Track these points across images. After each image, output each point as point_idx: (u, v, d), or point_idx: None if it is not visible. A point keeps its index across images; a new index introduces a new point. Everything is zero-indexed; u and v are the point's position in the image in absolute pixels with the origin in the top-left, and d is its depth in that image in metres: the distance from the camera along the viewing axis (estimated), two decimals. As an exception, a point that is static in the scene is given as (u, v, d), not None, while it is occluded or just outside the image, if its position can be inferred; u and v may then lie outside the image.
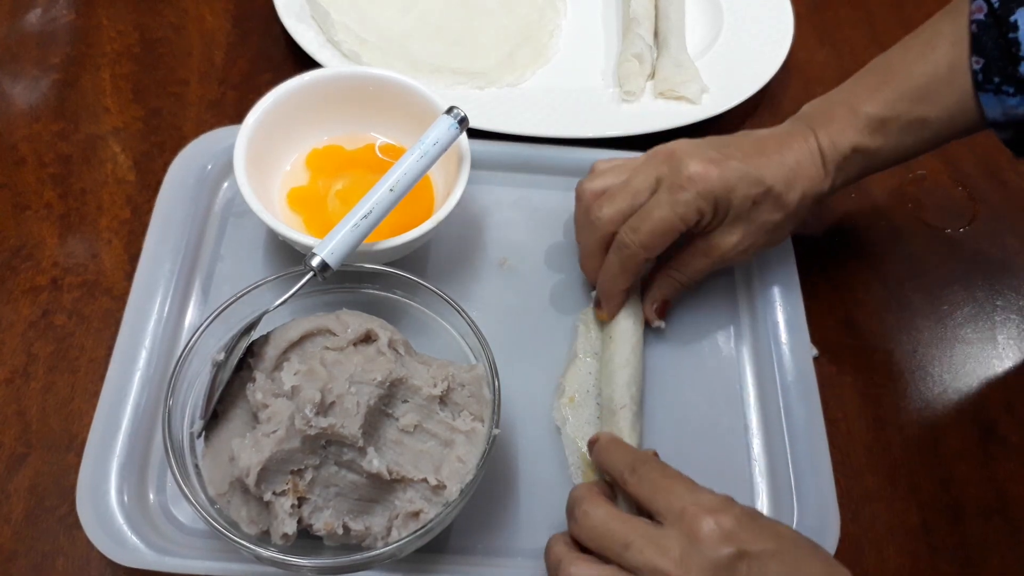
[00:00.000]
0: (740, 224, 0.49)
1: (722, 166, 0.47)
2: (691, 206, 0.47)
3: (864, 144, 0.48)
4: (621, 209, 0.48)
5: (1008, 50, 0.44)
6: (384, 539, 0.41)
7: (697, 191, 0.46)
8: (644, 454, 0.42)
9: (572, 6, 0.74)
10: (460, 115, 0.49)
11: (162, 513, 0.46)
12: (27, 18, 0.69)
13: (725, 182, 0.47)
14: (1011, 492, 0.51)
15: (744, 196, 0.47)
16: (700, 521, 0.36)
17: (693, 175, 0.46)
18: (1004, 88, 0.44)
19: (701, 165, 0.46)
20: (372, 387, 0.41)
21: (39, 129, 0.62)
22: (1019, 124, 0.46)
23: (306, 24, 0.66)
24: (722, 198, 0.47)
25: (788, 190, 0.48)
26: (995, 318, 0.59)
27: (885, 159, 0.49)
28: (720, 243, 0.49)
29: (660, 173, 0.48)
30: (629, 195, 0.48)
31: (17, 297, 0.54)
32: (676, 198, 0.46)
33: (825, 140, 0.48)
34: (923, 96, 0.47)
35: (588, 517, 0.39)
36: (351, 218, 0.44)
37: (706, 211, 0.47)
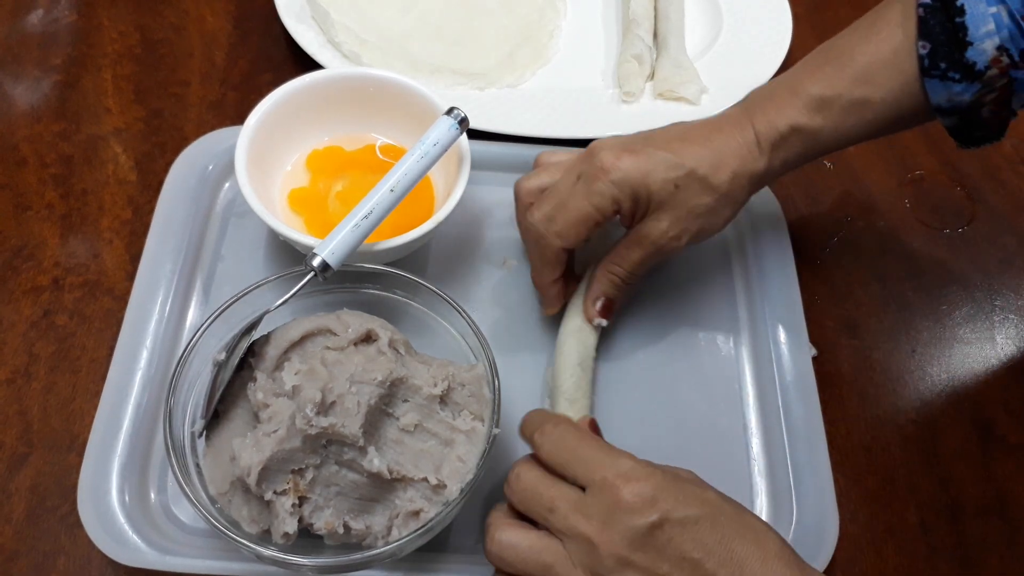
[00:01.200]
0: (666, 210, 0.48)
1: (638, 154, 0.47)
2: (605, 195, 0.46)
3: (803, 123, 0.47)
4: (547, 212, 0.48)
5: (955, 35, 0.43)
6: (384, 538, 0.41)
7: (611, 179, 0.46)
8: (555, 416, 0.42)
9: (572, 7, 0.74)
10: (460, 116, 0.49)
11: (163, 512, 0.46)
12: (28, 19, 0.69)
13: (640, 169, 0.46)
14: (1009, 491, 0.52)
15: (663, 180, 0.46)
16: (622, 488, 0.37)
17: (607, 164, 0.46)
18: (950, 74, 0.44)
19: (615, 155, 0.46)
20: (373, 387, 0.41)
21: (40, 130, 0.62)
22: (964, 111, 0.45)
23: (306, 25, 0.66)
24: (639, 185, 0.46)
25: (714, 171, 0.47)
26: (993, 318, 0.59)
27: (826, 141, 0.48)
28: (649, 231, 0.48)
29: (581, 168, 0.48)
30: (556, 197, 0.48)
31: (18, 297, 0.54)
32: (591, 188, 0.46)
33: (762, 121, 0.47)
34: (866, 77, 0.46)
35: (518, 480, 0.39)
36: (352, 218, 0.45)
37: (622, 199, 0.47)
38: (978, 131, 0.47)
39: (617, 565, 0.36)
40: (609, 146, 0.47)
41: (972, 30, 0.42)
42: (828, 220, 0.63)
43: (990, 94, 0.44)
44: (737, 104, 0.50)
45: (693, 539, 0.36)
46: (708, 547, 0.36)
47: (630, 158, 0.46)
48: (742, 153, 0.47)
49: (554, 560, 0.37)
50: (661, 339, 0.55)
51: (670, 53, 0.67)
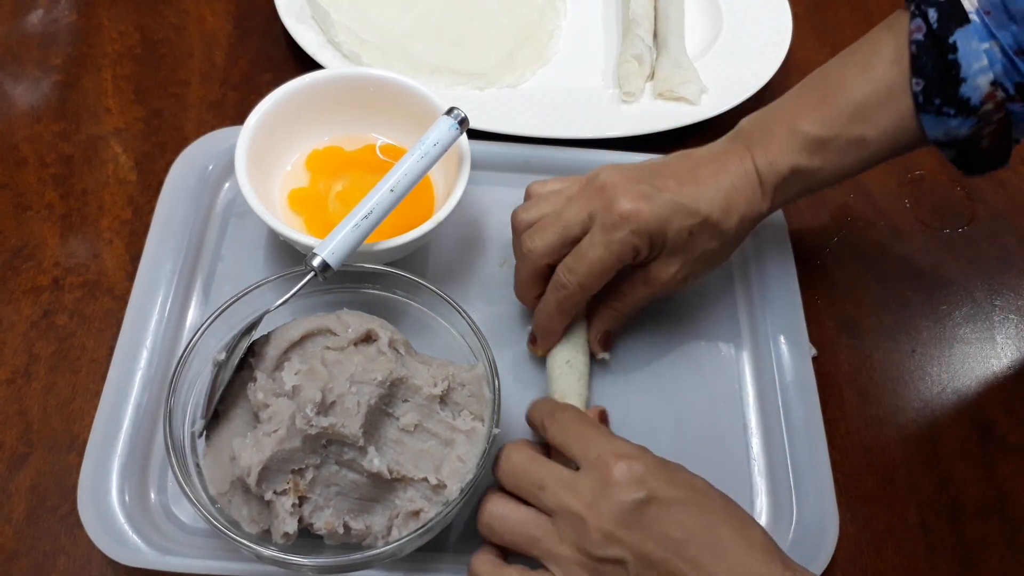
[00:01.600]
0: (678, 255, 0.48)
1: (654, 201, 0.46)
2: (626, 244, 0.46)
3: (803, 165, 0.47)
4: (552, 243, 0.47)
5: (948, 72, 0.43)
6: (384, 538, 0.41)
7: (631, 229, 0.45)
8: (565, 404, 0.44)
9: (572, 7, 0.74)
10: (460, 116, 0.49)
11: (163, 512, 0.46)
12: (28, 19, 0.69)
13: (659, 217, 0.46)
14: (1009, 491, 0.52)
15: (679, 228, 0.46)
16: (613, 466, 0.38)
17: (626, 213, 0.45)
18: (945, 109, 0.44)
19: (633, 202, 0.45)
20: (373, 387, 0.41)
21: (40, 130, 0.62)
22: (962, 143, 0.45)
23: (307, 25, 0.66)
24: (657, 233, 0.46)
25: (725, 217, 0.47)
26: (993, 318, 0.59)
27: (825, 179, 0.48)
28: (659, 275, 0.49)
29: (593, 208, 0.46)
30: (560, 228, 0.47)
31: (18, 297, 0.54)
32: (610, 237, 0.46)
33: (763, 161, 0.47)
34: (862, 116, 0.46)
35: (508, 460, 0.41)
36: (352, 218, 0.45)
37: (641, 247, 0.46)
38: (979, 160, 0.47)
39: (604, 541, 0.37)
40: (625, 190, 0.46)
41: (965, 67, 0.43)
42: (828, 220, 0.63)
43: (987, 127, 0.44)
44: (733, 134, 0.50)
45: (679, 520, 0.37)
46: (692, 530, 0.37)
47: (648, 206, 0.45)
48: (748, 196, 0.48)
49: (542, 534, 0.38)
50: (661, 340, 0.55)
51: (670, 53, 0.67)
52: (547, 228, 0.47)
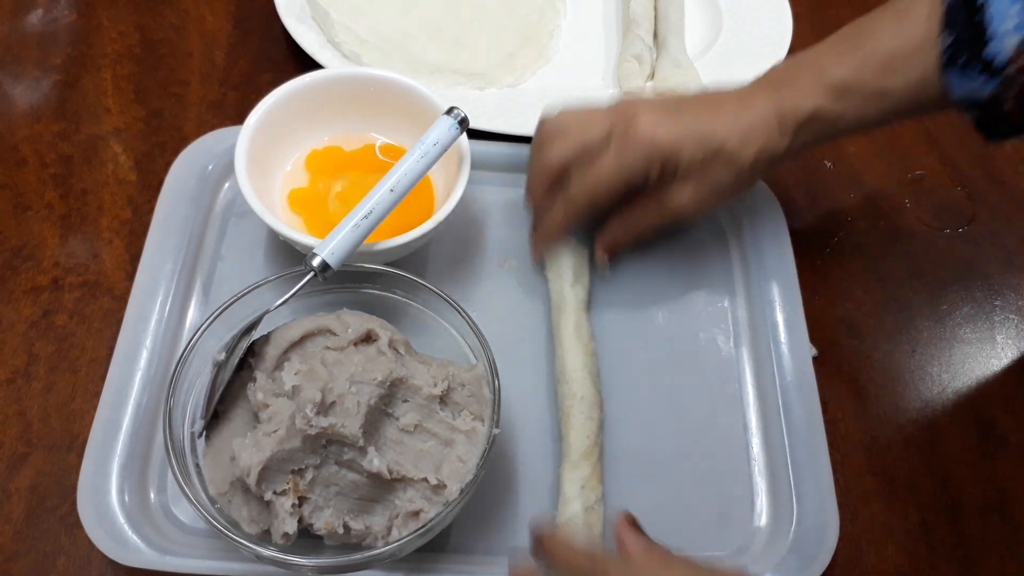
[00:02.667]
0: (690, 181, 0.49)
1: (672, 124, 0.47)
2: (637, 164, 0.47)
3: (825, 109, 0.48)
4: (568, 150, 0.49)
5: (976, 30, 0.43)
6: (384, 538, 0.41)
7: (644, 149, 0.47)
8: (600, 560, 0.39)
9: (572, 7, 0.74)
10: (460, 116, 0.49)
11: (163, 513, 0.46)
12: (28, 19, 0.69)
13: (674, 141, 0.47)
14: (1010, 491, 0.52)
15: (692, 155, 0.47)
16: None
17: (642, 132, 0.47)
18: (969, 68, 0.44)
19: (651, 124, 0.47)
20: (372, 387, 0.41)
21: (40, 130, 0.62)
22: (984, 105, 0.45)
23: (307, 25, 0.66)
24: (670, 156, 0.47)
25: (741, 149, 0.48)
26: (994, 318, 0.59)
27: (845, 126, 0.49)
28: (670, 200, 0.50)
29: (613, 125, 0.48)
30: (580, 139, 0.49)
31: (18, 297, 0.54)
32: (624, 155, 0.47)
33: (787, 101, 0.48)
34: (889, 67, 0.46)
35: None
36: (352, 218, 0.45)
37: (652, 169, 0.48)
38: (1001, 124, 0.46)
39: None
40: (646, 111, 0.48)
41: (993, 26, 0.42)
42: (828, 220, 0.63)
43: (1011, 90, 0.44)
44: (763, 78, 0.50)
45: None
46: None
47: (665, 128, 0.47)
48: (768, 131, 0.48)
49: None
50: (661, 339, 0.55)
51: (670, 53, 0.67)
52: (568, 136, 0.49)
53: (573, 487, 0.46)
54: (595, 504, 0.46)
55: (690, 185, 0.49)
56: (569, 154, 0.49)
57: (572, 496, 0.46)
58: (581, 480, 0.46)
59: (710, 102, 0.50)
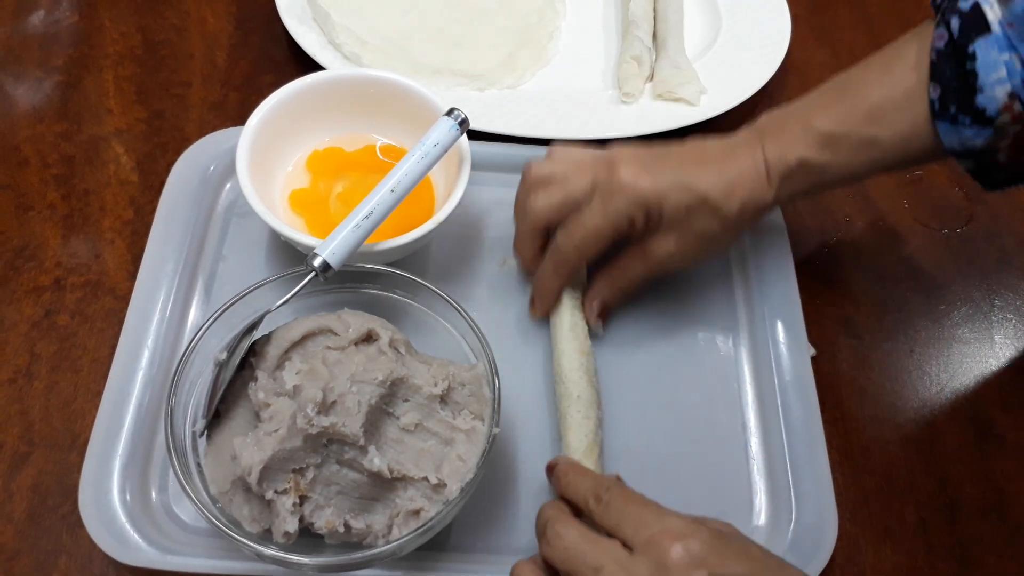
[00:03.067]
0: (674, 232, 0.49)
1: (655, 174, 0.47)
2: (622, 213, 0.48)
3: (812, 158, 0.47)
4: (553, 203, 0.49)
5: (965, 80, 0.43)
6: (385, 537, 0.41)
7: (627, 198, 0.47)
8: (607, 480, 0.42)
9: (571, 8, 0.74)
10: (461, 116, 0.49)
11: (164, 512, 0.46)
12: (30, 20, 0.69)
13: (656, 189, 0.47)
14: (1008, 491, 0.52)
15: (676, 203, 0.47)
16: (669, 547, 0.36)
17: (625, 183, 0.47)
18: (960, 118, 0.43)
19: (633, 173, 0.47)
20: (373, 386, 0.41)
21: (42, 130, 0.62)
22: (978, 155, 0.45)
23: (307, 26, 0.67)
24: (653, 205, 0.48)
25: (726, 199, 0.48)
26: (992, 318, 0.59)
27: (834, 176, 0.48)
28: (655, 249, 0.50)
29: (597, 177, 0.48)
30: (564, 191, 0.49)
31: (20, 297, 0.54)
32: (608, 205, 0.48)
33: (773, 151, 0.48)
34: (876, 117, 0.46)
35: (560, 539, 0.39)
36: (352, 219, 0.45)
37: (637, 218, 0.48)
38: (997, 174, 0.46)
39: None
40: (628, 162, 0.48)
41: (982, 76, 0.42)
42: (828, 220, 0.63)
43: (1004, 140, 0.43)
44: (749, 128, 0.50)
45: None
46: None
47: (648, 177, 0.47)
48: (752, 183, 0.48)
49: None
50: (661, 339, 0.55)
51: (669, 54, 0.67)
52: (552, 189, 0.50)
53: None
54: None
55: (673, 235, 0.49)
56: (555, 207, 0.50)
57: None
58: None
59: (694, 153, 0.50)
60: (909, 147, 0.46)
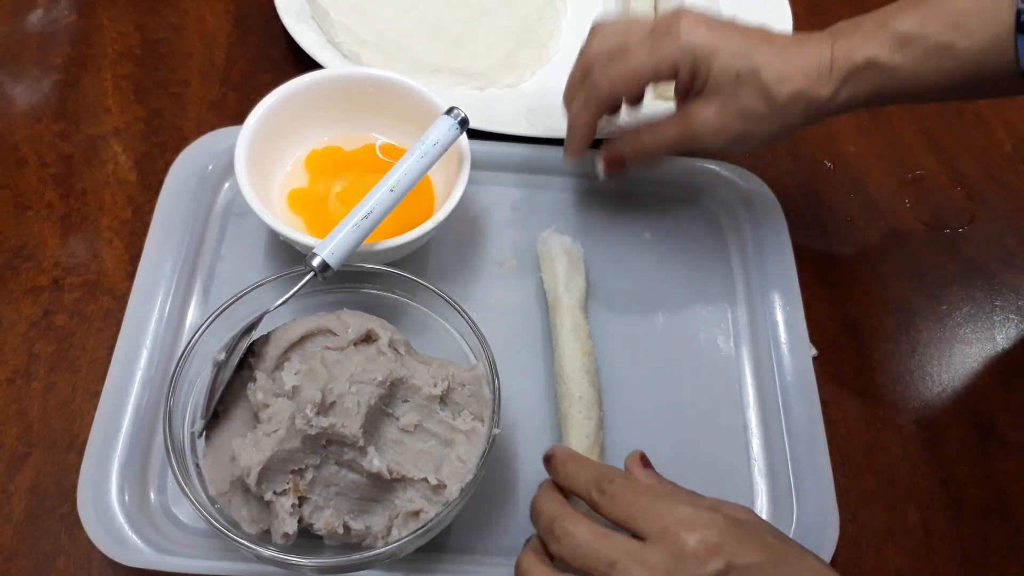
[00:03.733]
0: (717, 98, 0.47)
1: (715, 30, 0.46)
2: (667, 56, 0.46)
3: (881, 58, 0.45)
4: (605, 45, 0.48)
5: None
6: (384, 538, 0.41)
7: (679, 44, 0.46)
8: (608, 470, 0.40)
9: (572, 6, 0.74)
10: (460, 116, 0.49)
11: (163, 512, 0.46)
12: (28, 19, 0.69)
13: (711, 44, 0.46)
14: (1010, 491, 0.52)
15: (726, 65, 0.46)
16: (685, 537, 0.35)
17: (682, 27, 0.46)
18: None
19: (693, 22, 0.46)
20: (372, 387, 0.41)
21: (40, 129, 0.62)
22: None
23: (306, 24, 0.66)
24: (702, 59, 0.46)
25: (778, 82, 0.46)
26: (994, 318, 0.59)
27: (900, 84, 0.46)
28: (694, 113, 0.48)
29: (657, 25, 0.47)
30: (621, 37, 0.48)
31: (18, 297, 0.54)
32: (656, 44, 0.46)
33: (842, 48, 0.46)
34: (958, 22, 0.44)
35: (570, 536, 0.37)
36: (352, 218, 0.45)
37: (683, 67, 0.46)
38: None
39: None
40: (694, 16, 0.47)
41: None
42: (828, 220, 0.63)
43: None
44: (826, 30, 0.49)
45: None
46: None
47: (706, 31, 0.46)
48: (811, 74, 0.46)
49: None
50: (662, 340, 0.55)
51: (670, 53, 0.67)
52: (609, 34, 0.49)
53: None
54: None
55: (716, 101, 0.47)
56: (606, 49, 0.48)
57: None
58: None
59: (764, 33, 0.48)
60: (986, 60, 0.44)
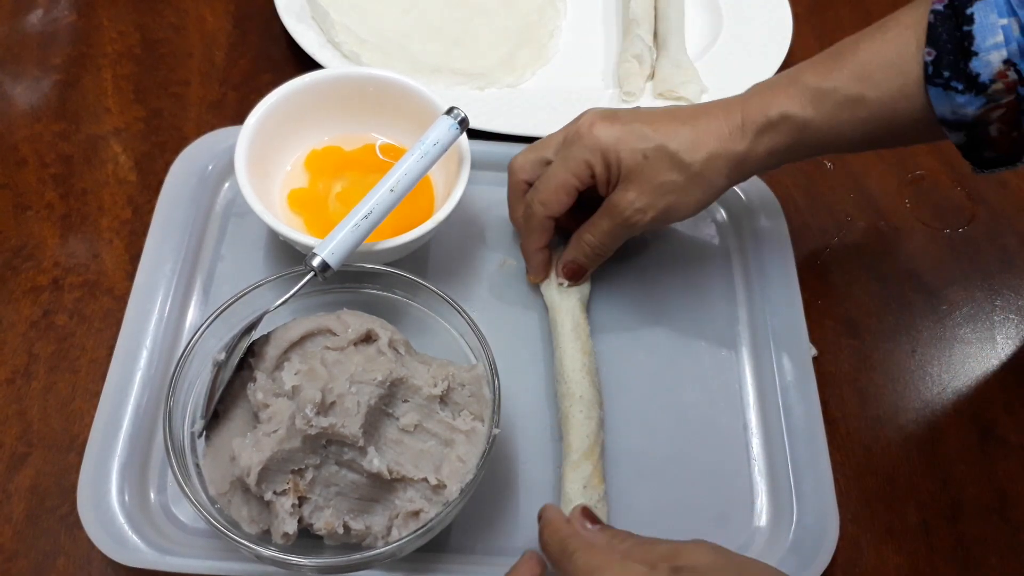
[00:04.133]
0: (635, 181, 0.48)
1: (615, 123, 0.48)
2: (580, 160, 0.48)
3: (794, 112, 0.46)
4: (529, 159, 0.51)
5: (961, 44, 0.42)
6: (384, 538, 0.41)
7: (585, 146, 0.48)
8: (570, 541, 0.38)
9: (572, 7, 0.74)
10: (460, 116, 0.49)
11: (163, 513, 0.46)
12: (28, 19, 0.69)
13: (614, 137, 0.48)
14: (1010, 492, 0.52)
15: (632, 150, 0.48)
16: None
17: (583, 131, 0.49)
18: (953, 83, 0.42)
19: (592, 122, 0.49)
20: (372, 387, 0.41)
21: (40, 129, 0.62)
22: (969, 126, 0.44)
23: (306, 24, 0.66)
24: (610, 151, 0.48)
25: (689, 149, 0.47)
26: (994, 318, 0.59)
27: (817, 135, 0.47)
28: (618, 201, 0.49)
29: (567, 132, 0.50)
30: (538, 148, 0.52)
31: (18, 297, 0.54)
32: (568, 155, 0.49)
33: (754, 106, 0.47)
34: (865, 74, 0.45)
35: None
36: (351, 218, 0.45)
37: (595, 164, 0.48)
38: (988, 151, 0.45)
39: None
40: (592, 113, 0.49)
41: (979, 40, 0.41)
42: (828, 220, 0.63)
43: (996, 110, 0.43)
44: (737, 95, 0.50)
45: None
46: None
47: (606, 126, 0.48)
48: (723, 135, 0.48)
49: None
50: (662, 339, 0.55)
51: (670, 53, 0.67)
52: (529, 149, 0.52)
53: (575, 487, 0.46)
54: (598, 503, 0.46)
55: (634, 185, 0.48)
56: (530, 163, 0.51)
57: (575, 496, 0.46)
58: (583, 480, 0.46)
59: (666, 111, 0.49)
60: (897, 110, 0.45)
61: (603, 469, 0.48)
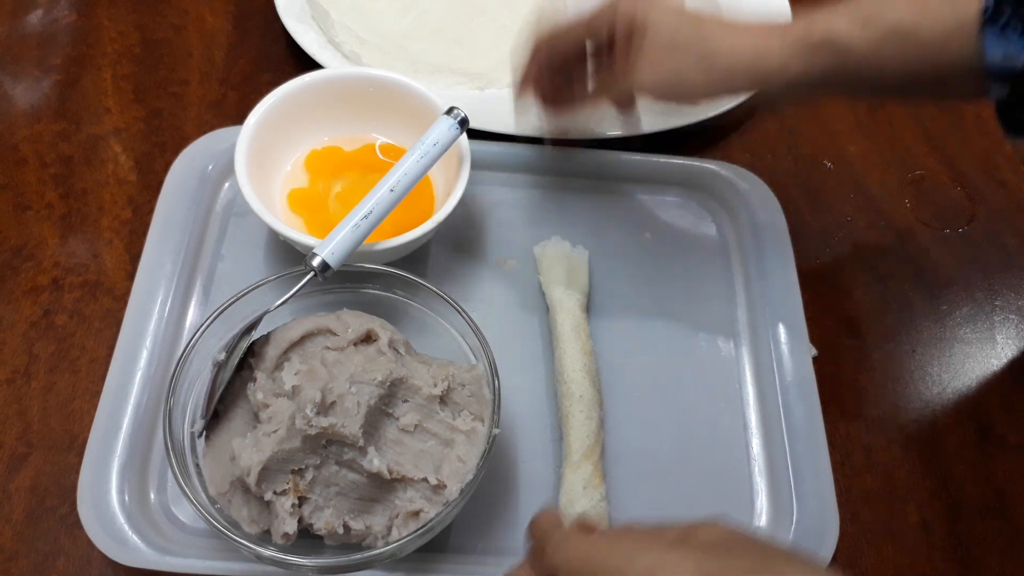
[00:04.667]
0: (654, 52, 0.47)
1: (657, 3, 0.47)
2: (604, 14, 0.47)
3: (839, 34, 0.44)
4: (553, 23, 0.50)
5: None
6: (384, 538, 0.41)
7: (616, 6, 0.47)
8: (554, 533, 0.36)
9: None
10: (460, 116, 0.49)
11: (163, 513, 0.46)
12: (28, 19, 0.69)
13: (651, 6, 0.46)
14: (1009, 491, 0.52)
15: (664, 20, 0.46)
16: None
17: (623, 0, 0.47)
18: (1011, 26, 0.40)
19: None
20: (372, 387, 0.41)
21: (40, 129, 0.62)
22: (1017, 78, 0.41)
23: (306, 24, 0.66)
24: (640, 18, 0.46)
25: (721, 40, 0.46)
26: (994, 318, 0.59)
27: (857, 64, 0.44)
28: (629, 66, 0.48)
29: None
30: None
31: (18, 297, 0.54)
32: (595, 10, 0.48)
33: (801, 24, 0.46)
34: (921, 7, 0.43)
35: None
36: (351, 218, 0.45)
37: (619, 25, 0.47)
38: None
39: None
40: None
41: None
42: (828, 220, 0.63)
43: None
44: None
45: None
46: None
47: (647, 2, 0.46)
48: (759, 42, 0.46)
49: None
50: (662, 340, 0.55)
51: (670, 53, 0.67)
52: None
53: (575, 487, 0.46)
54: (598, 503, 0.46)
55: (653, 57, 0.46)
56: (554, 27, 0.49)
57: (575, 496, 0.46)
58: (583, 480, 0.46)
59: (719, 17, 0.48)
60: (946, 50, 0.43)
61: (603, 469, 0.48)
